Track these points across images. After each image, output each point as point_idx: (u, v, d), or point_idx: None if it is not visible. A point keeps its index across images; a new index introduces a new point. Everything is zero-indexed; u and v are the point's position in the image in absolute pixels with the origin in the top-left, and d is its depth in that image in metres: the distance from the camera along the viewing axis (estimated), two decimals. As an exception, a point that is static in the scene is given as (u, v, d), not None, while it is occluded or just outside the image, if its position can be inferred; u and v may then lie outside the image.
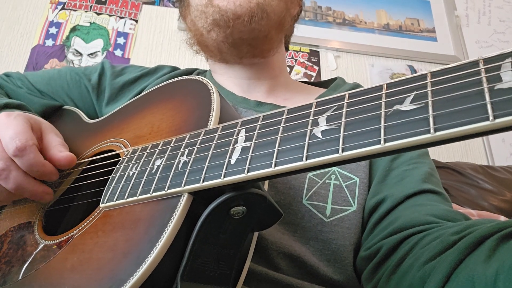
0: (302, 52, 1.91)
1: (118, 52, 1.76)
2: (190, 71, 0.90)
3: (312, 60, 1.91)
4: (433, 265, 0.48)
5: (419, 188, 0.64)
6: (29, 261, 0.51)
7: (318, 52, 1.93)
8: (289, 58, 1.88)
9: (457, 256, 0.45)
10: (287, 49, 0.95)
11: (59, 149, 0.58)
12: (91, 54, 1.74)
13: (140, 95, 0.67)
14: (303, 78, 1.84)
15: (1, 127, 0.55)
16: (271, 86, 0.83)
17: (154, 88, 0.65)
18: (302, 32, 1.97)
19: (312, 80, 1.76)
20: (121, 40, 1.79)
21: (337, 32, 1.99)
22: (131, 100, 0.68)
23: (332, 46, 1.95)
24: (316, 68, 1.89)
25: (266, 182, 0.54)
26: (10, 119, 0.56)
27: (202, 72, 0.91)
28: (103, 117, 0.72)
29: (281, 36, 0.83)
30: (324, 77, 1.88)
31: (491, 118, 0.26)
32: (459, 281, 0.43)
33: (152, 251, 0.38)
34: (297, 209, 0.64)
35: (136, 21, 1.84)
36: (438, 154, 1.78)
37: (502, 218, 1.22)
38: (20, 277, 0.49)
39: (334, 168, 0.68)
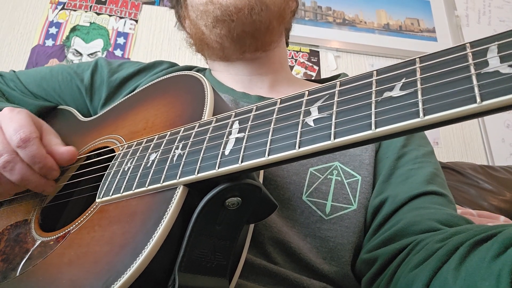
0: (302, 52, 1.92)
1: (118, 52, 1.77)
2: (189, 68, 0.89)
3: (312, 60, 1.91)
4: (416, 273, 0.48)
5: (424, 189, 0.64)
6: (27, 257, 0.51)
7: (318, 52, 1.93)
8: (289, 58, 1.88)
9: (435, 264, 0.46)
10: (287, 44, 0.94)
11: (60, 146, 0.59)
12: (91, 54, 1.75)
13: (134, 92, 0.67)
14: (303, 78, 1.84)
15: (5, 120, 0.57)
16: (272, 81, 0.82)
17: (148, 84, 0.65)
18: (302, 32, 1.98)
19: (312, 80, 1.76)
20: (121, 40, 1.80)
21: (337, 32, 2.00)
22: (126, 97, 0.68)
23: (332, 46, 1.95)
24: (316, 68, 1.89)
25: (261, 174, 0.54)
26: (14, 113, 0.57)
27: (202, 70, 0.91)
28: (98, 115, 0.72)
29: (282, 28, 0.82)
30: (324, 77, 1.88)
31: (478, 100, 0.27)
32: None
33: (148, 243, 0.39)
34: (297, 205, 0.64)
35: (136, 21, 1.85)
36: (438, 154, 1.78)
37: (502, 218, 1.22)
38: (18, 273, 0.50)
39: (337, 163, 0.68)
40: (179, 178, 0.42)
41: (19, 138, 0.54)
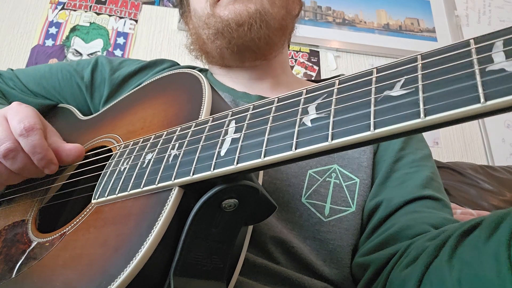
0: (302, 52, 1.91)
1: (118, 52, 1.76)
2: (190, 68, 0.89)
3: (312, 60, 1.91)
4: (408, 271, 0.48)
5: (419, 194, 0.64)
6: (23, 258, 0.51)
7: (318, 52, 1.93)
8: (289, 58, 1.87)
9: (426, 260, 0.46)
10: (289, 46, 0.94)
11: (66, 143, 0.60)
12: (91, 54, 1.74)
13: (133, 90, 0.67)
14: (303, 78, 1.84)
15: (12, 112, 0.57)
16: (273, 85, 0.82)
17: (146, 82, 0.65)
18: (302, 32, 1.96)
19: (312, 80, 1.76)
20: (120, 40, 1.79)
21: (337, 32, 1.99)
22: (125, 95, 0.68)
23: (332, 46, 1.95)
24: (316, 68, 1.89)
25: (260, 175, 0.53)
26: (21, 107, 0.58)
27: (204, 71, 0.90)
28: (96, 114, 0.71)
29: (284, 39, 0.82)
30: (324, 77, 1.87)
31: (482, 100, 0.25)
32: (430, 284, 0.44)
33: (142, 246, 0.38)
34: (296, 207, 0.64)
35: (136, 21, 1.84)
36: (438, 154, 1.78)
37: (503, 218, 1.21)
38: (13, 275, 0.49)
39: (335, 166, 0.68)
40: (174, 179, 0.41)
41: (22, 127, 0.54)
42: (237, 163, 0.37)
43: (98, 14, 1.83)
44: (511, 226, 0.36)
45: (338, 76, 0.85)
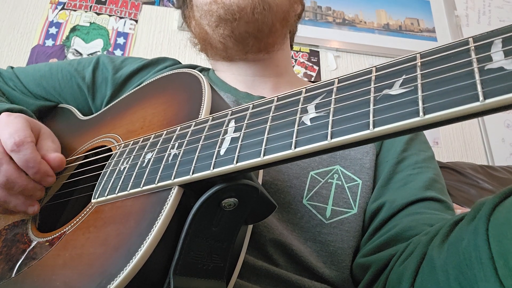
0: (302, 52, 1.91)
1: (118, 52, 1.76)
2: (192, 67, 0.88)
3: (312, 60, 1.91)
4: (405, 265, 0.49)
5: (421, 195, 0.63)
6: (22, 258, 0.51)
7: (318, 52, 1.93)
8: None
9: (422, 250, 0.46)
10: (291, 47, 0.94)
11: (50, 152, 0.58)
12: (91, 54, 1.74)
13: (132, 90, 0.67)
14: (303, 78, 1.84)
15: (1, 125, 0.56)
16: (275, 84, 0.82)
17: (146, 82, 0.65)
18: (302, 32, 1.95)
19: (312, 80, 1.76)
20: (121, 40, 1.79)
21: (337, 32, 1.99)
22: (124, 95, 0.67)
23: (332, 46, 1.95)
24: (316, 68, 1.89)
25: (260, 174, 0.54)
26: (11, 118, 0.57)
27: (205, 70, 0.90)
28: (96, 114, 0.71)
29: (285, 31, 0.82)
30: (324, 77, 1.87)
31: (481, 98, 0.25)
32: (422, 273, 0.44)
33: (142, 245, 0.38)
34: (297, 208, 0.63)
35: (136, 21, 1.84)
36: (438, 154, 1.78)
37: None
38: (13, 275, 0.49)
39: (337, 167, 0.68)
40: (174, 178, 0.41)
41: (13, 142, 0.53)
42: (236, 162, 0.37)
43: (98, 14, 1.83)
44: (492, 204, 0.37)
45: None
